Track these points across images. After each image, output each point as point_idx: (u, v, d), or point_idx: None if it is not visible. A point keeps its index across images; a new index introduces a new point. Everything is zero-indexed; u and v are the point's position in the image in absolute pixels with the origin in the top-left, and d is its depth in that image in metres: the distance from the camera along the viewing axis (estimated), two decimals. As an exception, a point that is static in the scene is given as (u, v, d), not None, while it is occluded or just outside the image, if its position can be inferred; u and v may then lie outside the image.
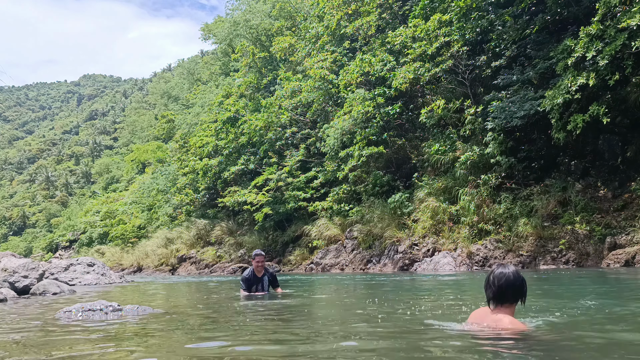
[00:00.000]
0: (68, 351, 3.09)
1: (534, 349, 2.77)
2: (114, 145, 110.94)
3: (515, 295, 3.03)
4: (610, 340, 3.08)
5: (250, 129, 24.09)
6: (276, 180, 21.58)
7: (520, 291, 3.04)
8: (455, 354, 2.71)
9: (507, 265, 3.12)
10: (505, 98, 13.99)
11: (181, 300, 8.12)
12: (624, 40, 10.29)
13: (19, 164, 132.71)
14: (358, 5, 21.55)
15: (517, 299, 3.05)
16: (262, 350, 3.03)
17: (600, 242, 11.46)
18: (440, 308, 4.99)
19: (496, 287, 3.02)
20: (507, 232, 13.34)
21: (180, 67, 73.27)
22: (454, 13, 15.82)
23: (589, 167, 13.15)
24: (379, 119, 18.46)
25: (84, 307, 5.24)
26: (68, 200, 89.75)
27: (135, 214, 41.93)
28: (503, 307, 3.04)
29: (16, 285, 9.11)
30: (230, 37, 37.78)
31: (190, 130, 36.58)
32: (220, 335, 3.77)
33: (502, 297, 3.02)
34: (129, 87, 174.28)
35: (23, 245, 74.96)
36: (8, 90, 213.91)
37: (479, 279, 9.96)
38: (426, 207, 15.50)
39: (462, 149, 15.08)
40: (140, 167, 60.92)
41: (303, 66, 24.03)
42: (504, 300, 3.03)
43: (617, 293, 6.21)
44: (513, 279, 3.02)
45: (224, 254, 24.93)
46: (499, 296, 3.02)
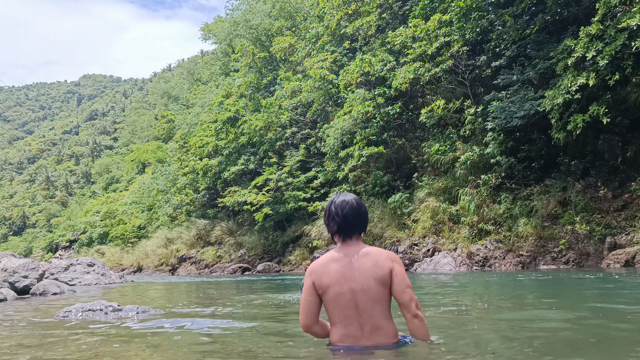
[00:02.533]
0: (68, 351, 3.09)
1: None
2: (114, 145, 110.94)
3: (363, 224, 2.64)
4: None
5: (250, 129, 24.09)
6: (276, 180, 21.58)
7: (366, 220, 2.68)
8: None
9: (345, 193, 2.71)
10: (505, 98, 13.99)
11: (181, 300, 8.12)
12: (624, 40, 10.29)
13: (19, 164, 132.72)
14: (358, 5, 21.55)
15: (364, 229, 2.64)
16: (262, 350, 3.03)
17: (600, 242, 11.46)
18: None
19: (342, 215, 2.59)
20: (507, 232, 13.34)
21: (180, 67, 73.33)
22: (454, 13, 15.82)
23: (589, 167, 13.15)
24: (379, 119, 18.46)
25: (84, 307, 5.24)
26: (68, 200, 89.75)
27: (135, 214, 41.93)
28: (352, 240, 2.59)
29: (16, 286, 9.11)
30: (230, 37, 37.78)
31: (190, 130, 36.58)
32: (221, 335, 3.77)
33: (353, 227, 2.59)
34: (129, 87, 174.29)
35: (23, 245, 74.98)
36: (8, 90, 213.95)
37: (479, 278, 9.96)
38: (426, 207, 15.50)
39: (462, 149, 15.08)
40: (140, 167, 60.91)
41: (303, 66, 24.03)
42: (353, 231, 2.59)
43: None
44: (357, 206, 2.63)
45: (224, 254, 24.93)
46: (348, 227, 2.58)
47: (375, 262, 2.50)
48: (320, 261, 2.59)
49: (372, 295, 2.45)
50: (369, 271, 2.48)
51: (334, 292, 2.48)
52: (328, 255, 2.60)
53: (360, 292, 2.45)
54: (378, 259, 2.51)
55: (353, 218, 2.60)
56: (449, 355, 2.58)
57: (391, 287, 2.49)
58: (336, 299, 2.48)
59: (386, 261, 2.51)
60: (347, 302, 2.46)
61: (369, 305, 2.45)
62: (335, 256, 2.55)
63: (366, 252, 2.53)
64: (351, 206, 2.61)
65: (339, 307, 2.47)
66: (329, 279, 2.50)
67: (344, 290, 2.47)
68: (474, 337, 3.25)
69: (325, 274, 2.52)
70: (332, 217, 2.62)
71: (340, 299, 2.47)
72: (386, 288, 2.48)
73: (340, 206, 2.62)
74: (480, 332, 3.50)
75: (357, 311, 2.45)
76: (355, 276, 2.48)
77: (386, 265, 2.50)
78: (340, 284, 2.47)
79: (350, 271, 2.49)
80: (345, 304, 2.46)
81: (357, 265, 2.50)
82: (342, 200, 2.65)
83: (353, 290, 2.46)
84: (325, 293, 2.50)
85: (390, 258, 2.54)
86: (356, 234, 2.60)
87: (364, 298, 2.45)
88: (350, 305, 2.46)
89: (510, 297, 6.00)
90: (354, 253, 2.53)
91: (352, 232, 2.59)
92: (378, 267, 2.49)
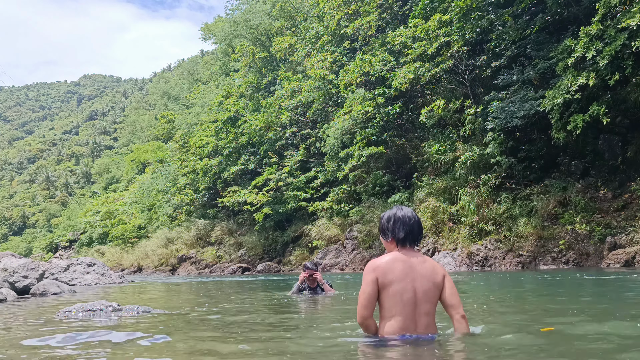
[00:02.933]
0: (68, 351, 3.09)
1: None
2: (114, 145, 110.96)
3: (421, 237, 3.04)
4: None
5: (250, 129, 24.10)
6: (276, 180, 21.58)
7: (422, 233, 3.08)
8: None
9: (406, 207, 3.10)
10: (505, 98, 13.99)
11: (181, 300, 8.12)
12: (624, 40, 10.30)
13: (19, 164, 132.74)
14: (358, 5, 21.56)
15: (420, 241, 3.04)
16: (262, 349, 3.03)
17: (600, 242, 11.46)
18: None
19: (409, 226, 2.96)
20: (507, 232, 13.35)
21: (180, 67, 73.36)
22: (454, 13, 15.83)
23: (589, 167, 13.15)
24: (379, 119, 18.46)
25: (84, 307, 5.24)
26: (68, 200, 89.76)
27: (135, 214, 41.94)
28: (411, 248, 2.96)
29: (16, 286, 9.11)
30: (230, 37, 37.78)
31: (190, 130, 36.59)
32: (221, 335, 3.77)
33: (416, 238, 2.98)
34: (129, 87, 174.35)
35: (23, 245, 74.99)
36: (8, 90, 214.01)
37: (478, 279, 9.96)
38: (426, 207, 15.50)
39: (462, 149, 15.08)
40: (140, 167, 60.92)
41: (303, 66, 24.04)
42: (414, 241, 2.98)
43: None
44: (419, 221, 3.04)
45: (224, 254, 24.94)
46: (413, 237, 2.97)
47: (433, 268, 2.88)
48: (384, 259, 2.87)
49: (430, 296, 2.81)
50: (429, 275, 2.84)
51: (397, 288, 2.77)
52: (391, 255, 2.90)
53: (420, 292, 2.78)
54: (435, 266, 2.90)
55: (418, 230, 3.00)
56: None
57: (443, 291, 2.87)
58: (399, 295, 2.76)
59: (440, 269, 2.91)
60: (409, 299, 2.76)
61: (425, 304, 2.79)
62: (399, 257, 2.86)
63: (424, 259, 2.92)
64: (416, 220, 3.02)
65: (401, 302, 2.76)
66: (394, 275, 2.79)
67: (407, 288, 2.77)
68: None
69: (391, 271, 2.80)
70: (401, 224, 2.97)
71: (404, 295, 2.76)
72: (439, 291, 2.86)
73: (408, 216, 3.00)
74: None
75: (415, 308, 2.77)
76: (417, 277, 2.81)
77: (440, 272, 2.89)
78: (405, 282, 2.78)
79: (413, 272, 2.82)
80: (407, 301, 2.76)
81: (419, 268, 2.84)
82: (409, 212, 3.04)
83: (415, 289, 2.78)
84: (387, 288, 2.78)
85: (442, 268, 2.94)
86: (415, 244, 2.99)
87: (423, 297, 2.79)
88: (411, 302, 2.77)
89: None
90: (414, 257, 2.89)
91: (414, 241, 2.98)
92: (435, 273, 2.86)
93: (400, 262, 2.83)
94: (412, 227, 2.97)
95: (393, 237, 2.98)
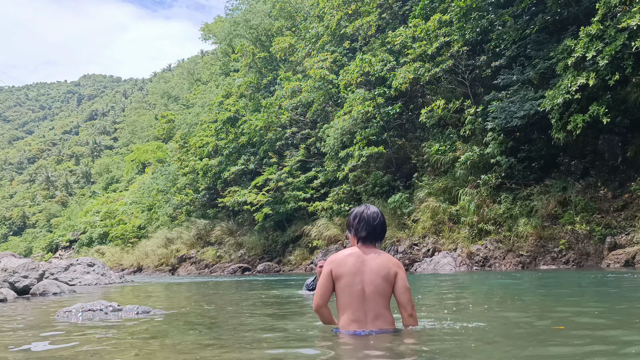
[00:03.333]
0: (68, 351, 3.09)
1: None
2: (114, 145, 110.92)
3: (383, 236, 3.23)
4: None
5: (250, 129, 24.09)
6: (276, 180, 21.58)
7: (385, 233, 3.28)
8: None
9: (373, 206, 3.28)
10: (505, 98, 13.99)
11: (181, 300, 8.12)
12: (624, 40, 10.29)
13: (19, 164, 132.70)
14: (358, 5, 21.55)
15: (382, 240, 3.25)
16: (262, 349, 3.03)
17: (600, 242, 11.46)
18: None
19: (372, 226, 3.14)
20: (507, 232, 13.35)
21: (180, 67, 73.31)
22: (454, 13, 15.83)
23: (589, 167, 13.15)
24: (379, 119, 18.46)
25: (84, 307, 5.24)
26: (68, 200, 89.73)
27: (135, 214, 41.92)
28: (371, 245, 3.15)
29: (16, 286, 9.11)
30: (230, 37, 37.75)
31: (190, 130, 36.57)
32: (220, 335, 3.77)
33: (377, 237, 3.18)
34: (128, 87, 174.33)
35: (23, 245, 74.96)
36: (8, 90, 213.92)
37: (478, 278, 9.96)
38: (426, 207, 15.50)
39: (462, 149, 15.08)
40: (140, 167, 60.89)
41: (303, 66, 24.02)
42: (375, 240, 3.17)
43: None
44: (384, 221, 3.23)
45: (224, 254, 24.93)
46: (374, 237, 3.16)
47: (385, 263, 3.04)
48: (341, 254, 3.10)
49: (380, 290, 2.98)
50: (380, 269, 3.01)
51: (347, 281, 3.00)
52: (349, 250, 3.12)
53: (370, 286, 2.98)
54: (388, 261, 3.06)
55: (381, 230, 3.20)
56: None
57: (394, 287, 3.03)
58: (348, 288, 2.99)
59: (393, 265, 3.06)
60: (357, 293, 2.98)
61: (375, 298, 2.97)
62: (355, 252, 3.09)
63: (379, 254, 3.08)
64: (381, 220, 3.20)
65: (350, 295, 2.99)
66: (345, 269, 3.01)
67: (356, 281, 2.99)
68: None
69: (343, 265, 3.03)
70: (365, 224, 3.15)
71: (352, 288, 2.98)
72: (390, 286, 3.01)
73: (372, 217, 3.17)
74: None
75: (364, 301, 2.97)
76: (367, 271, 3.00)
77: (393, 268, 3.04)
78: (354, 276, 2.99)
79: (364, 267, 3.01)
80: (355, 294, 2.98)
81: (371, 263, 3.03)
82: (374, 212, 3.20)
83: (364, 283, 2.98)
84: (339, 281, 3.01)
85: (396, 264, 3.08)
86: (376, 242, 3.17)
87: (373, 291, 2.97)
88: (360, 295, 2.97)
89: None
90: (370, 253, 3.07)
91: (375, 240, 3.16)
92: (387, 268, 3.02)
93: (354, 257, 3.04)
94: (375, 227, 3.15)
95: (356, 234, 3.17)
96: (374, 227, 3.16)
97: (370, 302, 2.96)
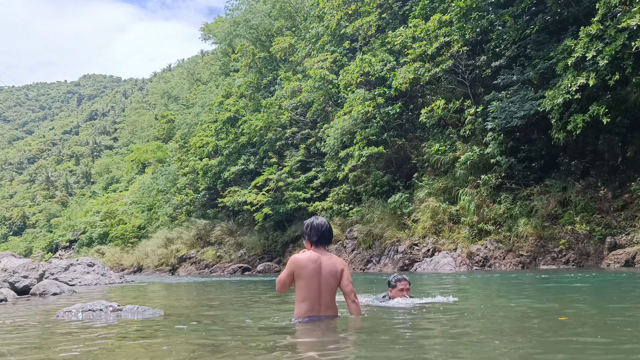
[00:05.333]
0: (68, 351, 3.09)
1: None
2: (114, 145, 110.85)
3: (330, 240, 4.11)
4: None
5: (250, 129, 24.09)
6: (276, 180, 21.58)
7: (332, 237, 4.15)
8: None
9: (321, 217, 4.14)
10: (505, 98, 13.99)
11: (181, 300, 8.12)
12: (624, 40, 10.30)
13: (19, 164, 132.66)
14: (358, 5, 21.56)
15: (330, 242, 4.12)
16: (262, 349, 3.03)
17: (600, 242, 11.46)
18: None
19: (321, 232, 4.00)
20: (507, 232, 13.35)
21: (180, 67, 73.26)
22: (454, 13, 15.83)
23: (589, 167, 13.15)
24: (379, 119, 18.46)
25: (84, 307, 5.24)
26: (68, 200, 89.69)
27: (135, 214, 41.90)
28: (322, 248, 4.01)
29: (16, 286, 9.11)
30: (230, 37, 37.74)
31: (190, 130, 36.56)
32: (220, 335, 3.77)
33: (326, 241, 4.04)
34: (129, 87, 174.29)
35: (23, 245, 74.89)
36: (8, 91, 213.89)
37: (479, 278, 9.96)
38: (426, 207, 15.50)
39: (462, 149, 15.08)
40: (140, 167, 60.86)
41: (303, 66, 24.02)
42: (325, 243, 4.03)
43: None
44: (330, 227, 4.11)
45: (224, 254, 24.93)
46: (324, 240, 4.02)
47: (335, 264, 3.91)
48: (302, 256, 3.90)
49: (330, 285, 3.88)
50: (331, 270, 3.88)
51: (307, 280, 3.83)
52: (308, 253, 3.92)
53: (324, 283, 3.84)
54: (337, 262, 3.94)
55: (328, 234, 4.06)
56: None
57: (340, 281, 3.91)
58: (308, 285, 3.83)
59: (340, 265, 3.93)
60: (314, 288, 3.83)
61: (327, 292, 3.87)
62: (312, 256, 3.90)
63: (330, 257, 3.96)
64: (327, 227, 4.06)
65: (308, 290, 3.83)
66: (306, 271, 3.84)
67: (314, 280, 3.83)
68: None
69: (305, 267, 3.84)
70: (315, 231, 4.02)
71: (311, 285, 3.83)
72: (337, 282, 3.90)
73: (321, 225, 4.04)
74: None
75: (320, 295, 3.83)
76: (322, 272, 3.85)
77: (339, 267, 3.91)
78: (313, 276, 3.83)
79: (320, 268, 3.86)
80: (313, 289, 3.83)
81: (325, 265, 3.88)
82: (322, 221, 4.08)
83: (320, 281, 3.83)
84: (300, 279, 3.85)
85: (342, 264, 3.97)
86: (326, 244, 4.05)
87: (326, 287, 3.85)
88: (316, 290, 3.83)
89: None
90: (324, 255, 3.94)
91: (325, 243, 4.03)
92: (336, 268, 3.90)
93: (312, 261, 3.86)
94: (323, 232, 4.02)
95: (309, 239, 4.02)
96: (323, 232, 4.00)
97: (324, 297, 3.83)
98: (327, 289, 3.84)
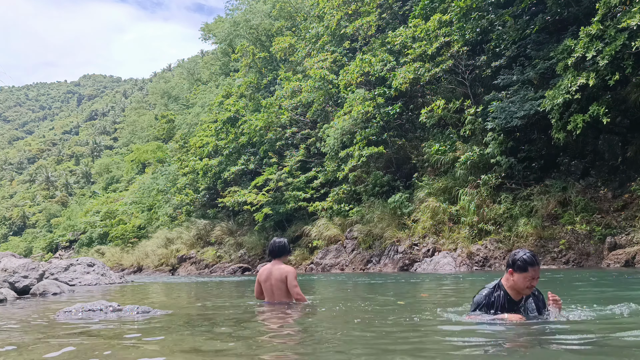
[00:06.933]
0: (68, 351, 3.09)
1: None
2: (114, 145, 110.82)
3: (282, 254, 5.53)
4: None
5: (250, 129, 24.09)
6: (276, 180, 21.57)
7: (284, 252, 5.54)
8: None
9: (280, 238, 5.63)
10: (505, 98, 13.99)
11: (181, 300, 8.12)
12: (624, 40, 10.30)
13: (19, 164, 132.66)
14: (358, 5, 21.56)
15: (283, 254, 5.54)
16: (261, 349, 3.03)
17: (600, 242, 11.46)
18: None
19: (270, 250, 5.56)
20: (507, 232, 13.35)
21: (180, 67, 73.31)
22: (454, 13, 15.83)
23: (589, 167, 13.15)
24: (379, 119, 18.46)
25: (84, 307, 5.23)
26: (68, 201, 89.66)
27: (135, 214, 41.89)
28: (279, 259, 5.49)
29: (16, 286, 9.11)
30: (230, 37, 37.77)
31: (190, 130, 36.58)
32: (220, 335, 3.77)
33: (276, 255, 5.51)
34: (128, 87, 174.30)
35: (23, 245, 74.85)
36: (8, 90, 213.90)
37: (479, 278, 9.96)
38: (426, 207, 15.50)
39: (462, 149, 15.08)
40: (140, 167, 60.86)
41: (303, 66, 24.03)
42: (277, 255, 5.51)
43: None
44: (283, 245, 5.53)
45: (224, 254, 24.92)
46: (275, 255, 5.51)
47: (281, 272, 5.36)
48: (263, 268, 5.58)
49: (279, 287, 5.36)
50: (279, 276, 5.37)
51: (264, 285, 5.48)
52: (267, 265, 5.54)
53: (275, 287, 5.38)
54: (283, 271, 5.37)
55: (278, 251, 5.52)
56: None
57: (287, 284, 5.32)
58: (265, 288, 5.47)
59: (285, 272, 5.35)
60: (269, 290, 5.44)
61: (277, 292, 5.39)
62: (267, 267, 5.53)
63: (280, 267, 5.43)
64: (277, 245, 5.53)
65: (265, 292, 5.48)
66: (263, 277, 5.49)
67: (268, 285, 5.44)
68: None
69: (262, 275, 5.50)
70: (270, 247, 5.58)
71: (267, 289, 5.45)
72: (285, 284, 5.33)
73: (273, 243, 5.57)
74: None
75: (273, 294, 5.42)
76: (272, 278, 5.40)
77: (284, 274, 5.34)
78: (267, 282, 5.44)
79: (271, 275, 5.42)
80: (268, 291, 5.45)
81: (274, 273, 5.41)
82: (273, 241, 5.60)
83: (272, 285, 5.40)
84: (261, 284, 5.52)
85: (287, 271, 5.37)
86: (278, 258, 5.51)
87: (276, 289, 5.38)
88: (270, 291, 5.43)
89: None
90: (275, 265, 5.46)
91: (277, 257, 5.51)
92: (282, 275, 5.35)
93: (267, 270, 5.48)
94: (273, 249, 5.53)
95: (269, 254, 5.59)
96: (272, 250, 5.54)
97: (275, 295, 5.39)
98: (277, 289, 5.35)
